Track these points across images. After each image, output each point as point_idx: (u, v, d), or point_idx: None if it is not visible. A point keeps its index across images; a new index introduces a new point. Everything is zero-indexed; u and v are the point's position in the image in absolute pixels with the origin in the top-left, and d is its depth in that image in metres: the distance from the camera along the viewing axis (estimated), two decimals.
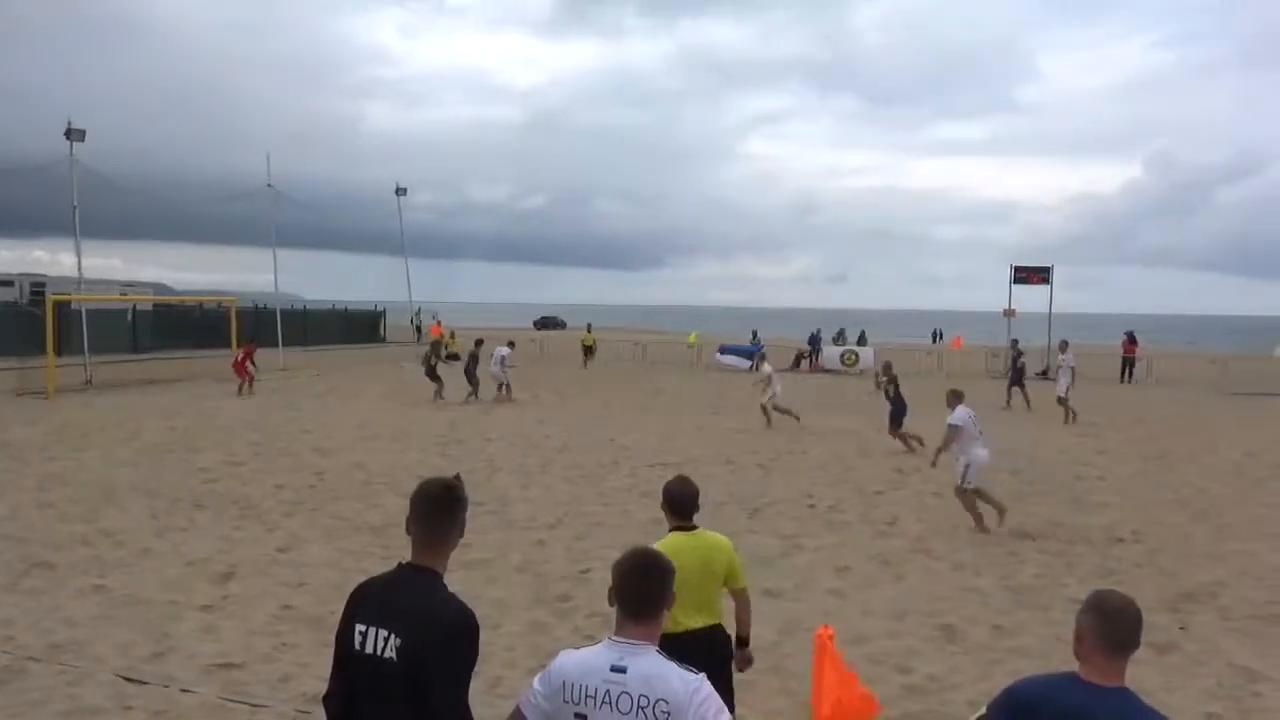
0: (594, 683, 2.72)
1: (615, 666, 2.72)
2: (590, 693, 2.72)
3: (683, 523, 4.51)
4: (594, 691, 2.71)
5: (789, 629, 7.13)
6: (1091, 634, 2.67)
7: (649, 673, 2.70)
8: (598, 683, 2.72)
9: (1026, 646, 6.82)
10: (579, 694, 2.73)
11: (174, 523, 10.19)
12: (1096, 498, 12.48)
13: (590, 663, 2.78)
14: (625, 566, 2.86)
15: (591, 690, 2.72)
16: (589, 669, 2.76)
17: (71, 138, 26.07)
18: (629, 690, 2.68)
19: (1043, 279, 35.06)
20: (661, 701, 2.65)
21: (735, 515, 11.09)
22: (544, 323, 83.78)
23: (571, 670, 2.79)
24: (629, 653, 2.74)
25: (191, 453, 14.60)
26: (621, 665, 2.72)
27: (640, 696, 2.67)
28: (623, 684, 2.69)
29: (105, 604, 7.44)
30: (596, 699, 2.71)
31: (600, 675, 2.72)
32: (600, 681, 2.71)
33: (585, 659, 2.80)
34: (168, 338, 33.10)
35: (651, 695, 2.67)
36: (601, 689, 2.71)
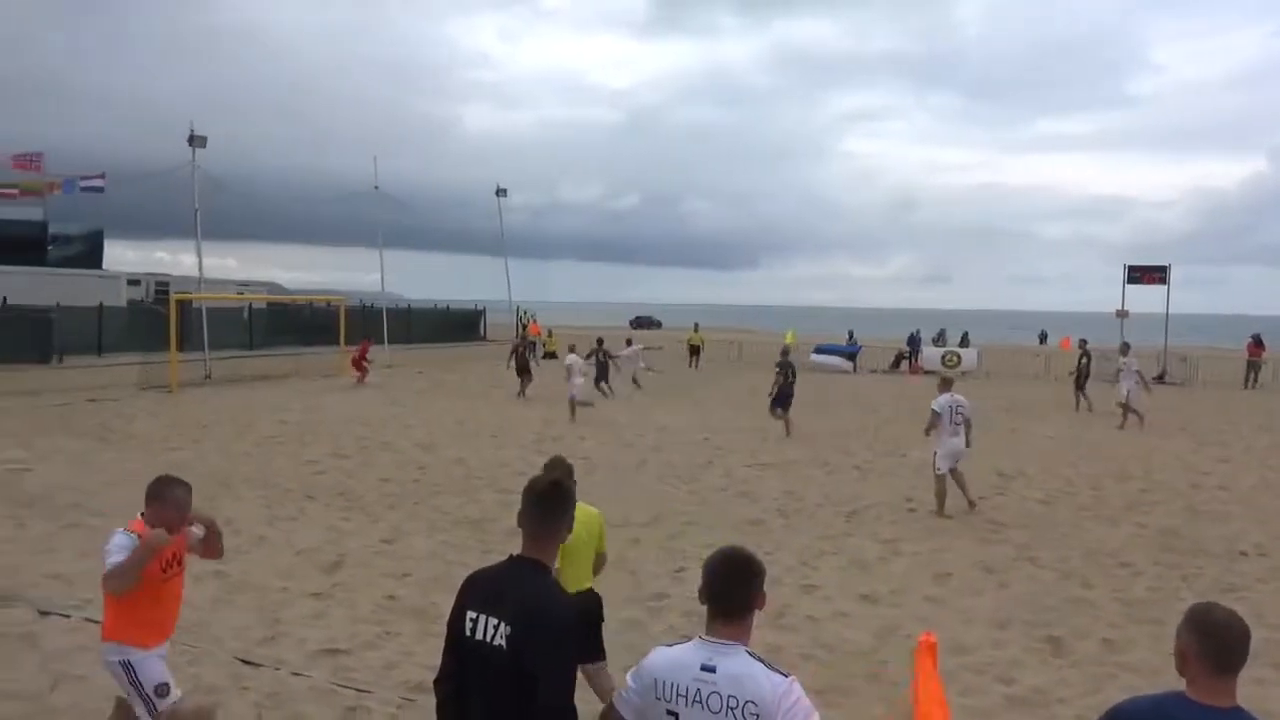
0: (684, 681, 2.76)
1: (705, 666, 2.75)
2: (681, 691, 2.75)
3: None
4: (684, 690, 2.75)
5: (885, 635, 7.02)
6: (1195, 652, 2.55)
7: (738, 673, 2.71)
8: (688, 681, 2.75)
9: (1138, 662, 6.55)
10: (670, 692, 2.77)
11: (285, 513, 10.62)
12: (1216, 508, 11.88)
13: (681, 661, 2.80)
14: (715, 565, 2.87)
15: (682, 689, 2.75)
16: (679, 667, 2.79)
17: (194, 144, 27.43)
18: (719, 690, 2.71)
19: (1159, 278, 33.48)
20: (750, 703, 2.66)
21: (831, 518, 10.96)
22: (639, 322, 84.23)
23: (662, 668, 2.82)
24: (718, 652, 2.76)
25: (301, 446, 15.19)
26: (711, 665, 2.74)
27: (730, 697, 2.69)
28: (713, 684, 2.72)
29: (223, 589, 7.81)
30: (687, 697, 2.74)
31: (690, 674, 2.75)
32: (690, 680, 2.75)
33: (676, 657, 2.83)
34: (280, 335, 34.59)
35: (740, 696, 2.68)
36: (692, 688, 2.74)
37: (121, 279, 39.02)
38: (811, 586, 8.26)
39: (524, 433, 17.18)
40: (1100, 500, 12.22)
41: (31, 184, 32.27)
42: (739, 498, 12.00)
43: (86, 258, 40.61)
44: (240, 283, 45.19)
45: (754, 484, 12.88)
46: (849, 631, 7.17)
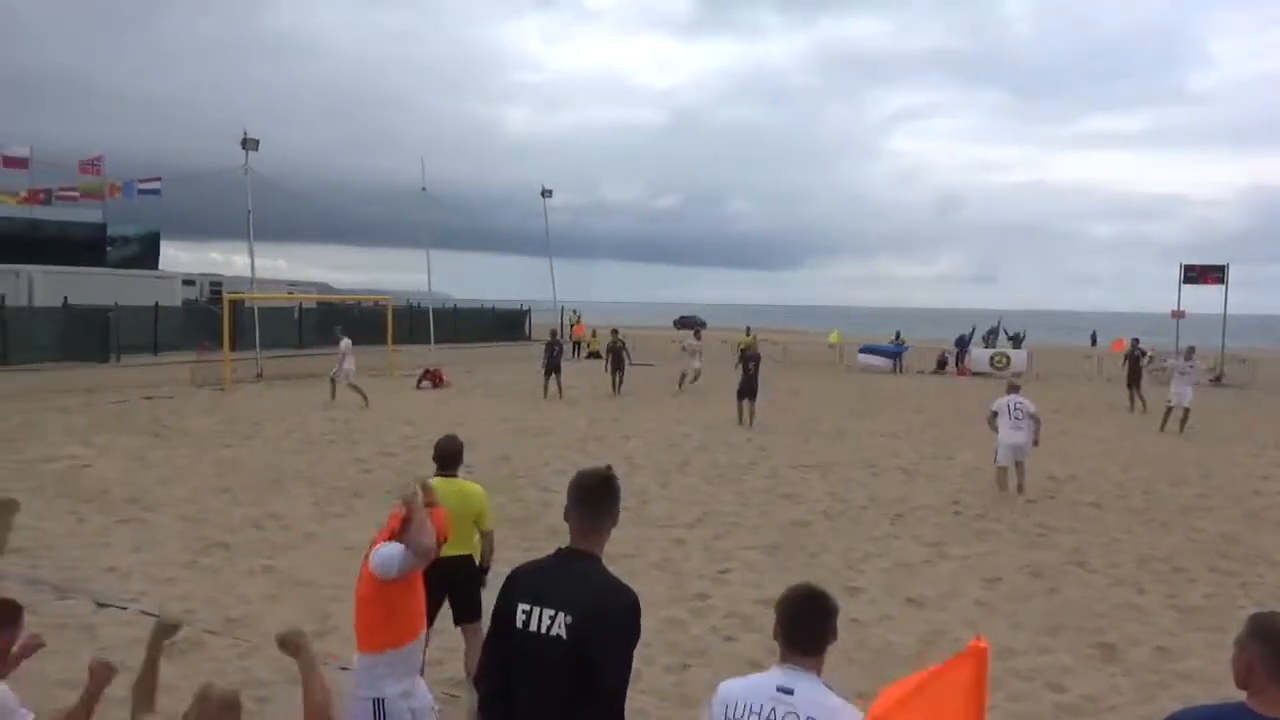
0: (759, 700, 2.81)
1: (781, 687, 2.80)
2: (755, 709, 2.80)
3: (445, 472, 5.66)
4: (759, 708, 2.80)
5: (932, 639, 6.93)
6: (1260, 663, 2.48)
7: (818, 697, 2.78)
8: (764, 700, 2.81)
9: (1194, 671, 6.40)
10: (743, 711, 2.82)
11: (334, 509, 10.79)
12: (1278, 515, 11.56)
13: (755, 684, 2.88)
14: (792, 608, 2.92)
15: (756, 707, 2.80)
16: (754, 689, 2.85)
17: (247, 146, 27.96)
18: (796, 710, 2.76)
19: (1216, 278, 32.61)
20: None
21: (877, 520, 10.86)
22: (684, 322, 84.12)
23: (735, 692, 2.89)
24: (796, 677, 2.82)
25: (350, 444, 15.41)
26: (789, 687, 2.79)
27: (809, 718, 2.74)
28: (790, 704, 2.77)
29: (274, 583, 7.95)
30: (760, 715, 2.79)
31: (766, 694, 2.81)
32: (767, 699, 2.80)
33: (750, 681, 2.91)
34: (329, 334, 35.08)
35: (818, 717, 2.74)
36: (767, 706, 2.79)
37: (177, 279, 39.91)
38: (856, 589, 8.18)
39: (567, 432, 17.25)
40: (1153, 504, 11.96)
41: (92, 187, 33.12)
42: (783, 499, 11.94)
43: (143, 259, 41.59)
44: (290, 283, 46.01)
45: (798, 485, 12.80)
46: (894, 635, 7.10)
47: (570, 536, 3.03)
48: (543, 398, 22.64)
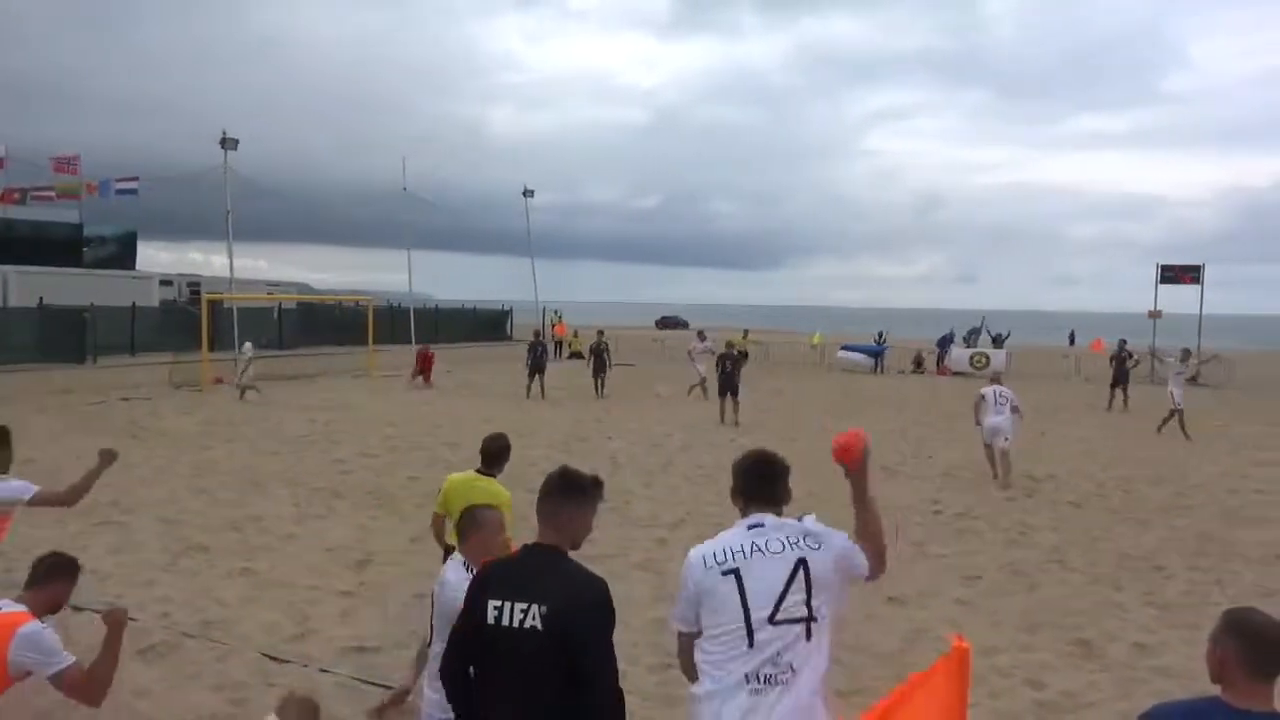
0: (736, 542, 3.05)
1: (752, 525, 3.08)
2: (736, 549, 3.03)
3: (486, 470, 5.77)
4: (739, 547, 3.03)
5: (913, 638, 6.96)
6: (1233, 657, 2.53)
7: (787, 521, 3.09)
8: (741, 540, 3.05)
9: (1171, 666, 6.45)
10: (723, 556, 3.02)
11: (314, 511, 10.72)
12: (1253, 513, 11.68)
13: (724, 536, 3.12)
14: (747, 467, 3.26)
15: (736, 547, 3.03)
16: (725, 539, 3.10)
17: (226, 146, 27.77)
18: (772, 535, 3.03)
19: (1193, 278, 32.98)
20: (808, 536, 3.03)
21: None
22: (665, 322, 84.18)
23: (706, 548, 3.10)
24: (759, 517, 3.10)
25: (330, 444, 15.32)
26: (759, 522, 3.08)
27: (786, 536, 3.02)
28: (764, 532, 3.05)
29: (252, 586, 7.89)
30: (745, 552, 3.01)
31: (740, 536, 3.07)
32: (743, 538, 3.05)
33: (718, 537, 3.14)
34: (310, 334, 34.91)
35: (796, 532, 3.04)
36: (746, 542, 3.04)
37: (154, 280, 39.56)
38: None
39: (551, 432, 17.22)
40: (1132, 503, 12.07)
41: (68, 186, 32.79)
42: None
43: (120, 259, 41.21)
44: (270, 283, 45.68)
45: None
46: (875, 634, 7.12)
47: (539, 531, 3.07)
48: (525, 398, 22.60)
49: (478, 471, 5.77)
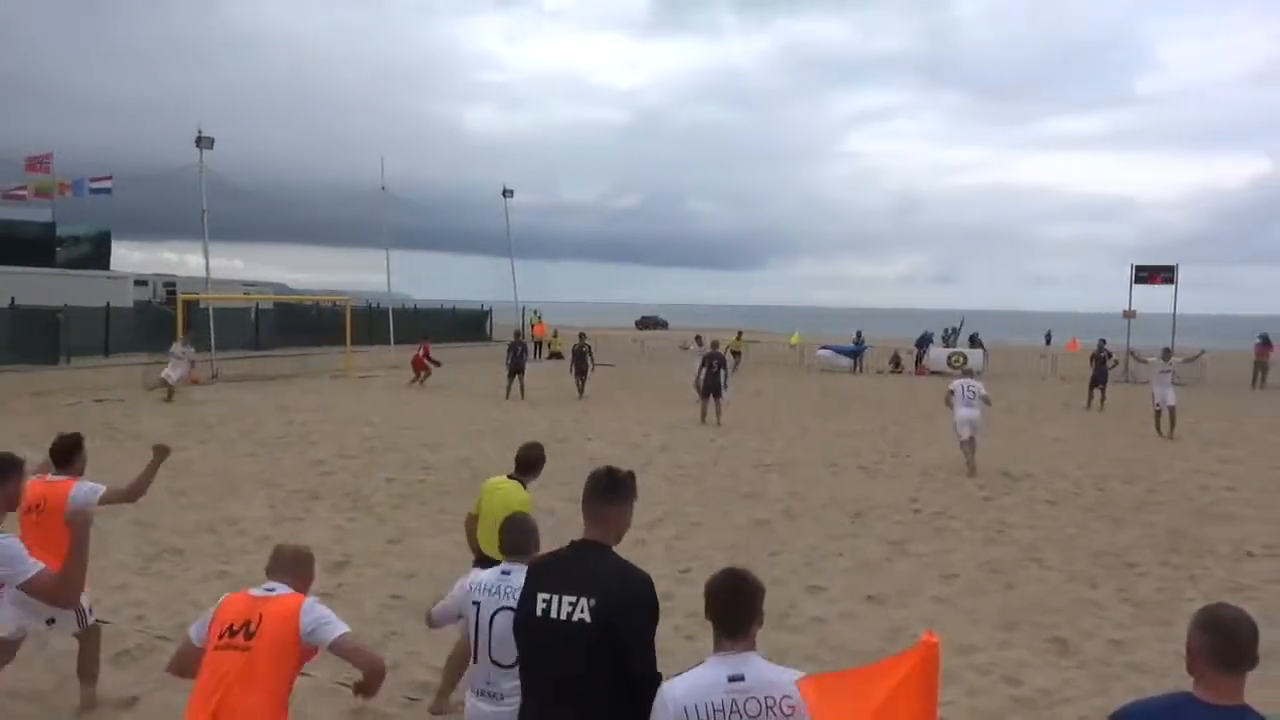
0: (717, 697, 2.80)
1: (733, 676, 2.82)
2: (717, 707, 2.79)
3: (519, 476, 5.93)
4: (721, 705, 2.79)
5: (892, 636, 6.99)
6: (1203, 651, 2.56)
7: (768, 676, 2.84)
8: (720, 695, 2.80)
9: (1145, 662, 6.53)
10: (705, 712, 2.79)
11: (290, 513, 10.64)
12: (1224, 509, 11.83)
13: (703, 682, 2.85)
14: (718, 589, 2.97)
15: (717, 704, 2.79)
16: (705, 687, 2.83)
17: (201, 145, 27.52)
18: (755, 694, 2.79)
19: (1166, 279, 33.37)
20: (786, 698, 2.79)
21: (837, 519, 10.94)
22: (645, 322, 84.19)
23: (687, 694, 2.84)
24: (740, 662, 2.85)
25: (307, 446, 15.22)
26: (739, 674, 2.82)
27: (767, 697, 2.79)
28: (747, 690, 2.80)
29: (228, 589, 7.78)
30: (725, 711, 2.78)
31: (721, 689, 2.81)
32: (723, 694, 2.80)
33: (696, 680, 2.87)
34: (287, 335, 34.59)
35: (777, 694, 2.80)
36: (727, 700, 2.79)
37: (129, 280, 39.11)
38: (817, 588, 8.24)
39: (529, 433, 17.15)
40: (1107, 501, 12.19)
41: (42, 185, 32.36)
42: (745, 499, 11.99)
43: (94, 259, 40.72)
44: (247, 283, 45.26)
45: (760, 485, 12.86)
46: (855, 633, 7.16)
47: (584, 528, 3.19)
48: (504, 399, 22.53)
49: (509, 476, 5.95)
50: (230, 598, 3.79)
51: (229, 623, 3.61)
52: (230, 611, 3.66)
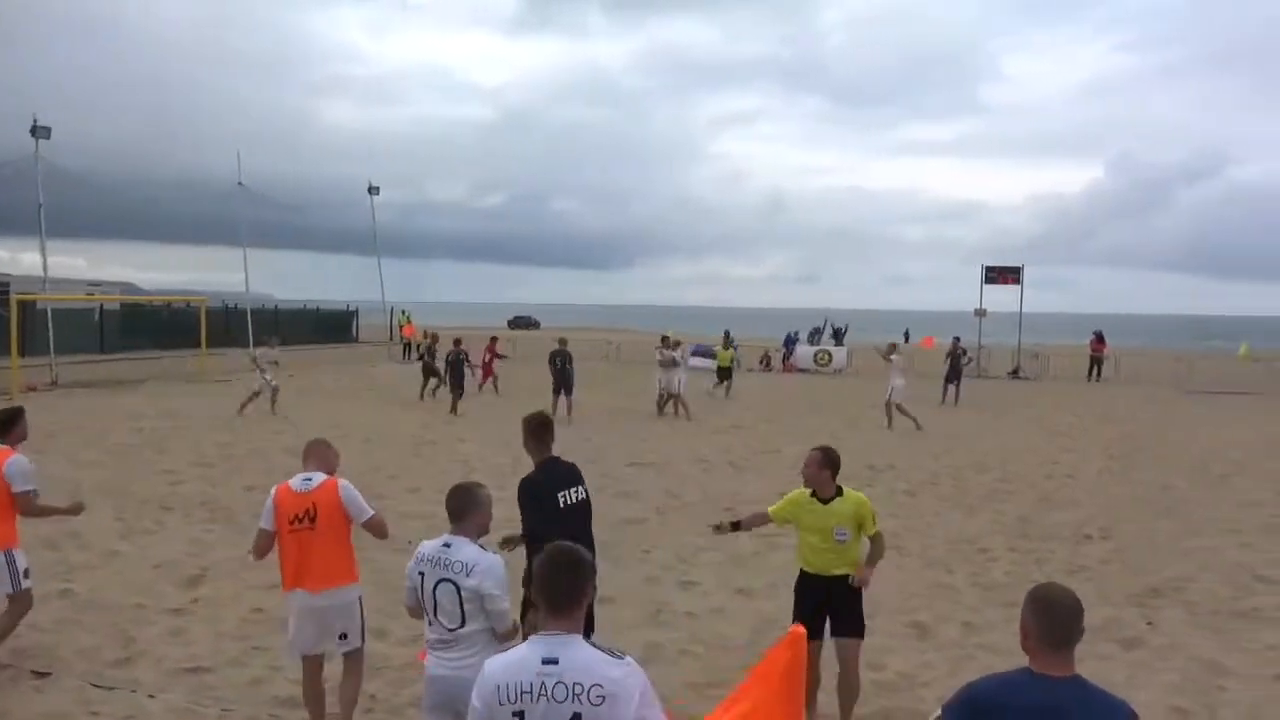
0: (526, 678, 2.77)
1: (546, 659, 2.78)
2: (525, 688, 2.76)
3: (826, 490, 5.56)
4: (528, 686, 2.76)
5: (762, 629, 7.16)
6: (1033, 630, 2.74)
7: (582, 660, 2.77)
8: (530, 678, 2.77)
9: (996, 643, 6.90)
10: (513, 693, 2.78)
11: (141, 525, 10.07)
12: (1065, 495, 12.64)
13: (517, 661, 2.83)
14: (544, 565, 2.92)
15: (525, 686, 2.77)
16: (518, 667, 2.81)
17: (37, 135, 25.68)
18: (563, 679, 2.74)
19: (1014, 279, 35.38)
20: (597, 685, 2.72)
21: (709, 514, 11.09)
22: (518, 322, 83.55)
23: (500, 673, 2.83)
24: (557, 644, 2.79)
25: (159, 454, 14.42)
26: (552, 657, 2.78)
27: (575, 684, 2.73)
28: (556, 674, 2.75)
29: (71, 608, 7.33)
30: (532, 693, 2.75)
31: (531, 670, 2.77)
32: (533, 676, 2.77)
33: (512, 659, 2.86)
34: (136, 337, 32.77)
35: (586, 681, 2.73)
36: (535, 683, 2.76)
37: None
38: (690, 583, 8.36)
39: (399, 435, 16.79)
40: (961, 490, 12.83)
41: None
42: (619, 497, 12.05)
43: None
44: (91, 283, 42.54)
45: (633, 483, 12.95)
46: (726, 626, 7.30)
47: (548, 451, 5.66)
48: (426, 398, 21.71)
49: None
50: (282, 493, 5.02)
51: (292, 514, 4.97)
52: (287, 505, 4.99)
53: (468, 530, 4.20)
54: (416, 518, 9.88)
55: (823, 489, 5.40)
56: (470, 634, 4.07)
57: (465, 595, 4.04)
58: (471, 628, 4.07)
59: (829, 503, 5.38)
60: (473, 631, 4.07)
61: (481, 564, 4.06)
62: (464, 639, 4.07)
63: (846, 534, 5.36)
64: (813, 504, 5.41)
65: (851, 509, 5.38)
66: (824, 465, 5.38)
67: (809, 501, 5.44)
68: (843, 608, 5.42)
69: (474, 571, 4.03)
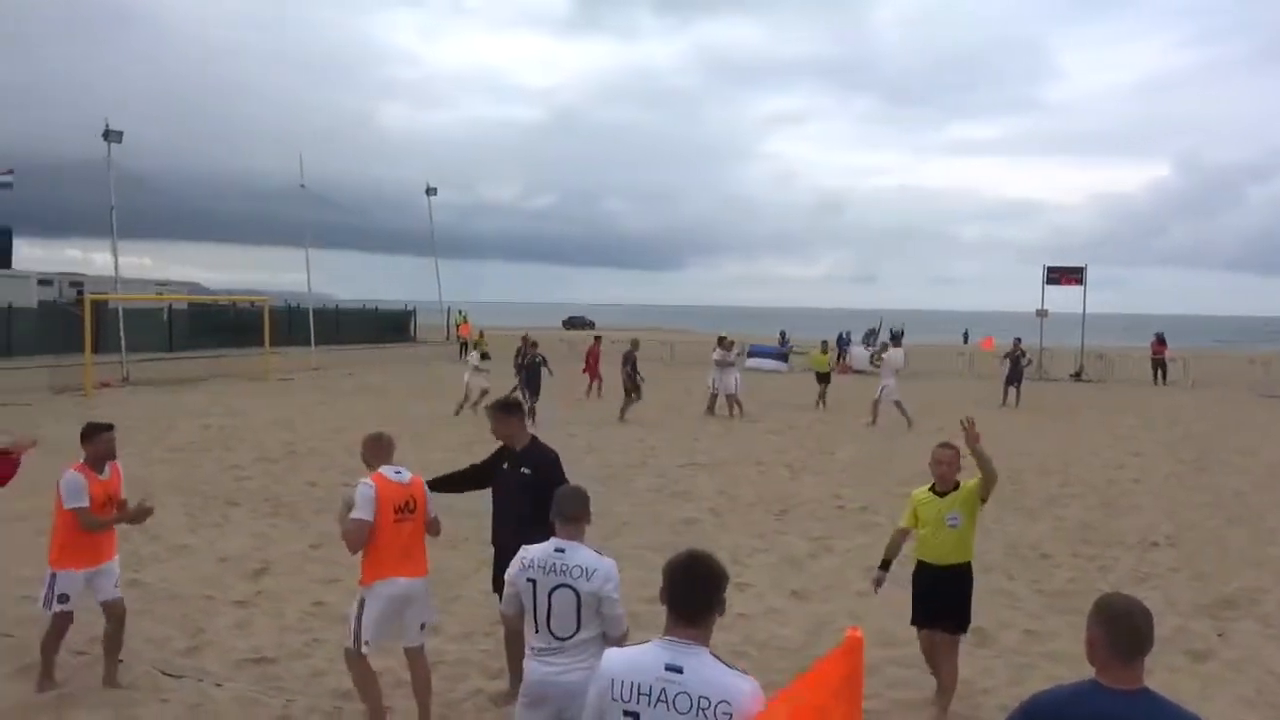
0: (647, 680, 2.70)
1: (670, 665, 2.70)
2: (644, 690, 2.70)
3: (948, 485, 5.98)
4: (647, 689, 2.69)
5: (817, 631, 7.12)
6: (1101, 641, 2.65)
7: (709, 674, 2.69)
8: (650, 680, 2.70)
9: (1060, 651, 6.76)
10: (630, 691, 2.71)
11: (208, 519, 10.34)
12: (1130, 501, 12.33)
13: (640, 661, 2.76)
14: (678, 569, 2.84)
15: (645, 688, 2.70)
16: (640, 667, 2.74)
17: (109, 139, 26.52)
18: (687, 690, 2.66)
19: (1075, 279, 34.59)
20: (724, 703, 2.63)
21: (763, 517, 11.07)
22: (572, 322, 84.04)
23: (619, 668, 2.78)
24: (683, 653, 2.72)
25: (225, 450, 14.79)
26: (677, 665, 2.70)
27: (701, 697, 2.65)
28: (680, 684, 2.67)
29: (142, 599, 7.55)
30: (650, 697, 2.69)
31: (654, 673, 2.71)
32: (654, 679, 2.69)
33: (635, 657, 2.80)
34: (202, 336, 33.56)
35: (713, 696, 2.64)
36: (656, 687, 2.69)
37: (32, 279, 37.44)
38: (744, 584, 8.32)
39: (451, 436, 16.99)
40: (1021, 494, 12.58)
41: None
42: (673, 498, 12.05)
43: None
44: (159, 282, 43.75)
45: (687, 484, 12.94)
46: (780, 628, 7.26)
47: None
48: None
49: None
50: (381, 484, 5.15)
51: (395, 504, 5.16)
52: (389, 495, 5.15)
53: (577, 534, 4.10)
54: (467, 515, 9.98)
55: (946, 484, 5.79)
56: (582, 642, 3.92)
57: (584, 600, 3.92)
58: (584, 635, 3.93)
59: (945, 496, 5.76)
60: (585, 639, 3.93)
61: (601, 568, 3.96)
62: (574, 647, 3.92)
63: (958, 519, 5.71)
64: (930, 498, 5.80)
65: (963, 495, 5.76)
66: (957, 463, 5.83)
67: (927, 496, 5.84)
68: (950, 602, 5.72)
69: (594, 576, 3.92)
